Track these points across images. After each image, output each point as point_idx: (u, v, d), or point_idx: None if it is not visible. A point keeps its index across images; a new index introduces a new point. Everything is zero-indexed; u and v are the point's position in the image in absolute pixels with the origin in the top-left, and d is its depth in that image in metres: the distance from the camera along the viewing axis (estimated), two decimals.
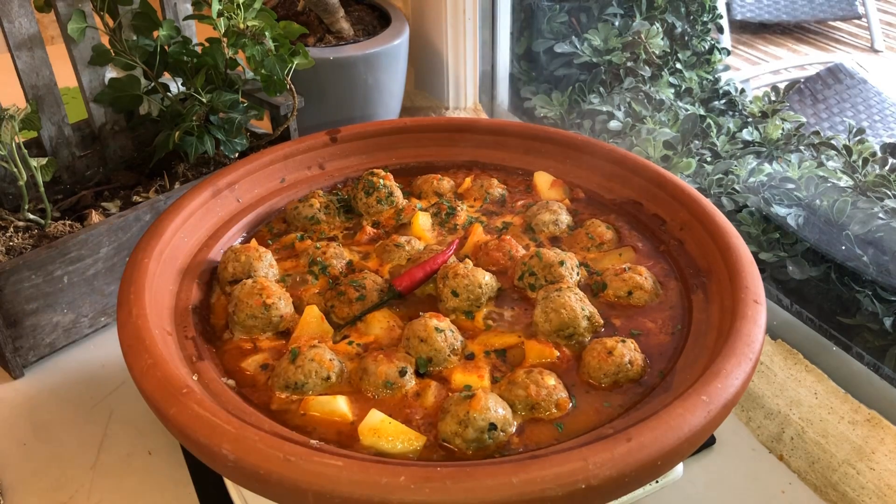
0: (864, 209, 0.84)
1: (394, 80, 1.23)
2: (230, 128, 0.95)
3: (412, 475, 0.44)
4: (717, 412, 0.49)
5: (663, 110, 1.13)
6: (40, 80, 0.90)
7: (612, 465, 0.45)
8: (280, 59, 0.92)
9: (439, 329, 0.58)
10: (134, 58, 0.93)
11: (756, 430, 0.78)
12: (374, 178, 0.77)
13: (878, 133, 1.47)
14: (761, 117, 1.12)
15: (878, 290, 0.82)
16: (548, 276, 0.65)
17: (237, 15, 0.89)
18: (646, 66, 1.22)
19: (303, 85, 1.05)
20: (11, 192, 0.93)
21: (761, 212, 0.91)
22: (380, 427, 0.52)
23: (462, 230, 0.74)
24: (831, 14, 2.78)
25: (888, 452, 0.70)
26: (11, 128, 0.81)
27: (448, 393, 0.56)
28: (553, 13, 1.28)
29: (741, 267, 0.61)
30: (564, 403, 0.55)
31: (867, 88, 1.54)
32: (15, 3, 0.85)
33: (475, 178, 0.81)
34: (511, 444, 0.52)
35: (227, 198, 0.75)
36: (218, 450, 0.46)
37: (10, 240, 0.86)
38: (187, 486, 0.71)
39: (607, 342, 0.58)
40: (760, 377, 0.80)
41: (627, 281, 0.65)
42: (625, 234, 0.73)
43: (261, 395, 0.56)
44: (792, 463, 0.74)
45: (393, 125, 0.85)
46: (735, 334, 0.55)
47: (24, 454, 0.75)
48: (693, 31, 1.27)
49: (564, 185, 0.79)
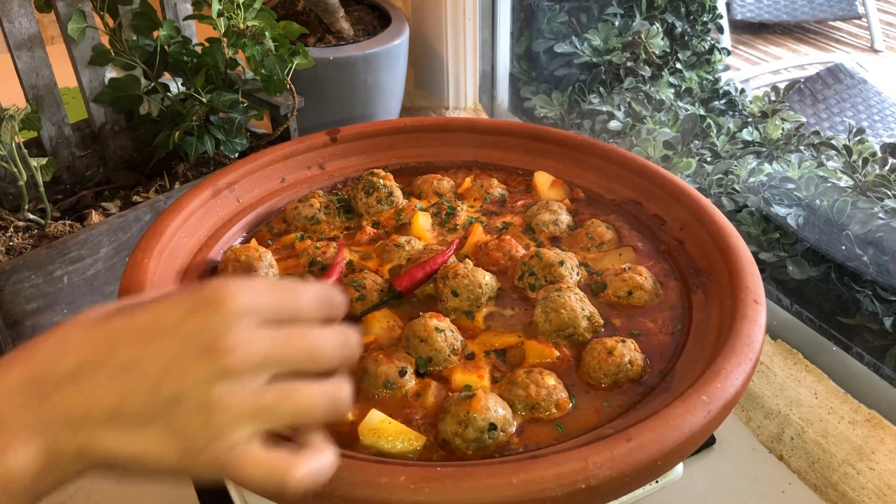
0: (864, 209, 0.84)
1: (394, 80, 1.24)
2: (230, 128, 0.95)
3: (412, 475, 0.44)
4: (717, 412, 0.49)
5: (663, 110, 1.13)
6: (40, 80, 0.90)
7: (612, 465, 0.45)
8: (280, 59, 0.92)
9: (439, 329, 0.58)
10: (134, 58, 0.93)
11: (756, 430, 0.78)
12: (374, 178, 0.77)
13: (878, 133, 1.47)
14: (761, 117, 1.12)
15: (878, 290, 0.82)
16: (548, 276, 0.65)
17: (237, 15, 0.89)
18: (646, 66, 1.22)
19: (303, 85, 1.05)
20: (11, 192, 0.93)
21: (761, 212, 0.91)
22: (380, 427, 0.52)
23: (462, 230, 0.74)
24: (831, 14, 2.78)
25: (888, 452, 0.70)
26: (11, 128, 0.81)
27: (448, 393, 0.56)
28: (553, 13, 1.28)
29: (741, 267, 0.61)
30: (564, 403, 0.55)
31: (867, 88, 1.54)
32: (15, 3, 0.85)
33: (475, 178, 0.81)
34: (511, 444, 0.52)
35: (227, 198, 0.75)
36: None
37: (10, 240, 0.86)
38: (187, 486, 0.71)
39: (607, 342, 0.58)
40: (760, 377, 0.80)
41: (627, 281, 0.65)
42: (625, 234, 0.73)
43: None
44: (792, 463, 0.74)
45: (393, 125, 0.85)
46: (735, 334, 0.55)
47: None
48: (693, 31, 1.27)
49: (564, 185, 0.79)
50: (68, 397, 0.40)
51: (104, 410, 0.40)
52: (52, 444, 0.39)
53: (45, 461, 0.39)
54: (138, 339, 0.41)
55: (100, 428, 0.40)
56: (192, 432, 0.39)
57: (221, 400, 0.39)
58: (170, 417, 0.39)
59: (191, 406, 0.39)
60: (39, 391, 0.40)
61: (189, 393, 0.39)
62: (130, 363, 0.40)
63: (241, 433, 0.40)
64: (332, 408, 0.43)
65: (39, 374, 0.40)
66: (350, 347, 0.45)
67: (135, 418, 0.40)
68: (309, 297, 0.44)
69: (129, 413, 0.40)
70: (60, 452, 0.40)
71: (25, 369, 0.41)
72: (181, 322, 0.40)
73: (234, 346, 0.40)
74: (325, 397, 0.43)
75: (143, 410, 0.40)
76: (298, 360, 0.43)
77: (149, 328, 0.41)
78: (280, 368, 0.42)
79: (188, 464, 0.40)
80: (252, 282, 0.43)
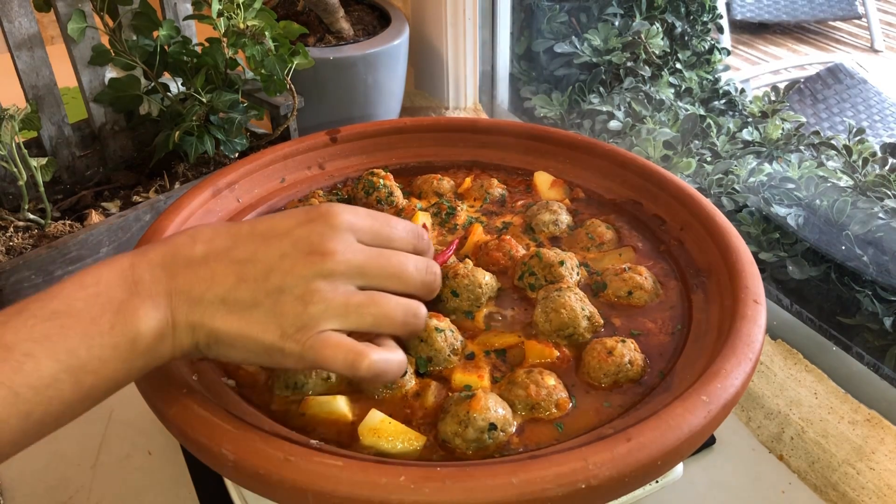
0: (864, 209, 0.84)
1: (394, 80, 1.23)
2: (230, 128, 0.95)
3: (412, 475, 0.44)
4: (717, 412, 0.49)
5: (663, 110, 1.13)
6: (40, 80, 0.90)
7: (612, 465, 0.45)
8: (280, 59, 0.92)
9: (439, 329, 0.58)
10: (134, 58, 0.93)
11: (756, 430, 0.78)
12: (374, 178, 0.77)
13: (878, 133, 1.48)
14: (761, 117, 1.12)
15: (878, 290, 0.82)
16: (548, 276, 0.65)
17: (237, 15, 0.89)
18: (646, 66, 1.22)
19: (303, 85, 1.05)
20: (11, 192, 0.93)
21: (761, 212, 0.91)
22: (380, 427, 0.52)
23: (462, 230, 0.74)
24: (831, 14, 2.78)
25: (888, 452, 0.70)
26: (11, 128, 0.81)
27: (448, 393, 0.56)
28: (553, 13, 1.28)
29: (741, 267, 0.61)
30: (564, 403, 0.55)
31: (867, 88, 1.54)
32: (15, 3, 0.85)
33: (475, 178, 0.81)
34: (511, 444, 0.52)
35: (226, 198, 0.75)
36: (218, 450, 0.46)
37: (10, 240, 0.86)
38: (187, 486, 0.71)
39: (607, 342, 0.58)
40: (760, 377, 0.80)
41: (627, 281, 0.65)
42: (625, 234, 0.73)
43: (261, 395, 0.56)
44: (792, 463, 0.74)
45: (393, 125, 0.85)
46: (735, 334, 0.55)
47: (24, 454, 0.74)
48: (693, 31, 1.27)
49: (564, 185, 0.79)
50: (194, 277, 0.47)
51: (219, 292, 0.46)
52: (173, 315, 0.46)
53: (165, 328, 0.46)
54: (257, 239, 0.48)
55: (213, 308, 0.46)
56: (289, 318, 0.46)
57: (318, 293, 0.46)
58: (273, 303, 0.46)
59: (292, 296, 0.46)
60: (172, 267, 0.47)
61: (292, 284, 0.46)
62: (248, 257, 0.47)
63: (329, 325, 0.47)
64: (410, 320, 0.50)
65: (174, 255, 0.48)
66: (432, 273, 0.53)
67: (244, 301, 0.46)
68: (401, 227, 0.52)
69: (240, 297, 0.46)
70: (177, 324, 0.46)
71: (166, 250, 0.48)
72: (293, 229, 0.48)
73: (335, 251, 0.47)
74: (404, 309, 0.50)
75: (252, 296, 0.46)
76: (386, 275, 0.50)
77: (267, 231, 0.49)
78: (369, 281, 0.49)
79: (281, 344, 0.46)
80: (356, 207, 0.51)
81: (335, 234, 0.48)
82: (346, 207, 0.50)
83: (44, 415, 0.42)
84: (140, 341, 0.45)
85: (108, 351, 0.44)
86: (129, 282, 0.46)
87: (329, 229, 0.48)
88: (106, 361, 0.44)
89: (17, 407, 0.41)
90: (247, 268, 0.47)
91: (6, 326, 0.43)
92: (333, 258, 0.47)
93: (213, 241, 0.48)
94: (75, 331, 0.43)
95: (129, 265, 0.47)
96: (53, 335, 0.43)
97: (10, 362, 0.41)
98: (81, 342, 0.43)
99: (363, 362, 0.47)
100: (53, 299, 0.44)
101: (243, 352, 0.47)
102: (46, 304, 0.44)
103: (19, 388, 0.41)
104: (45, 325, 0.43)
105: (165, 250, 0.48)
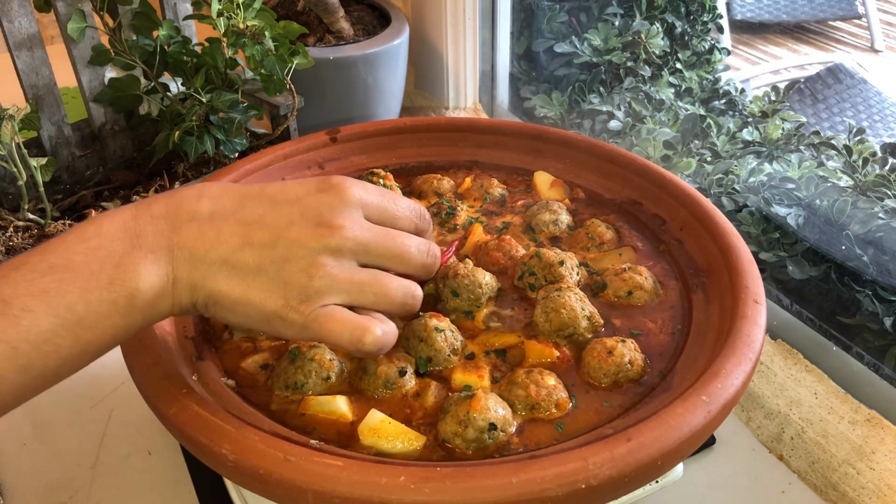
0: (864, 209, 0.84)
1: (394, 80, 1.23)
2: (230, 128, 0.95)
3: (412, 475, 0.44)
4: (717, 412, 0.49)
5: (663, 110, 1.13)
6: (40, 80, 0.90)
7: (612, 465, 0.45)
8: (280, 59, 0.92)
9: (439, 329, 0.58)
10: (134, 58, 0.93)
11: (756, 430, 0.78)
12: (375, 178, 0.77)
13: (878, 133, 1.48)
14: (761, 117, 1.12)
15: (878, 290, 0.82)
16: (548, 276, 0.65)
17: (237, 15, 0.89)
18: (646, 66, 1.22)
19: (303, 85, 1.05)
20: (11, 192, 0.93)
21: (761, 212, 0.91)
22: (380, 427, 0.52)
23: (462, 230, 0.74)
24: (831, 14, 2.78)
25: (888, 452, 0.70)
26: (11, 128, 0.81)
27: (448, 393, 0.56)
28: (553, 13, 1.28)
29: (741, 267, 0.61)
30: (564, 403, 0.55)
31: (867, 88, 1.54)
32: (15, 3, 0.85)
33: (475, 178, 0.81)
34: (511, 444, 0.52)
35: None
36: (218, 450, 0.46)
37: (9, 240, 0.86)
38: (187, 486, 0.71)
39: (607, 342, 0.58)
40: (760, 377, 0.80)
41: (627, 281, 0.65)
42: (625, 234, 0.73)
43: (261, 395, 0.56)
44: (792, 463, 0.74)
45: (393, 125, 0.85)
46: (735, 334, 0.55)
47: (24, 454, 0.75)
48: (693, 31, 1.27)
49: (564, 185, 0.79)
50: (198, 234, 0.46)
51: (223, 253, 0.46)
52: (174, 272, 0.45)
53: (165, 285, 0.45)
54: (265, 203, 0.48)
55: (215, 268, 0.46)
56: (293, 288, 0.46)
57: (324, 267, 0.47)
58: (277, 271, 0.46)
59: (297, 266, 0.46)
60: (176, 221, 0.46)
61: (299, 255, 0.46)
62: (255, 219, 0.47)
63: (332, 299, 0.47)
64: (408, 301, 0.52)
65: (178, 209, 0.47)
66: (433, 256, 0.54)
67: (248, 265, 0.46)
68: (405, 205, 0.53)
69: (244, 260, 0.46)
70: (178, 281, 0.46)
71: (170, 203, 0.47)
72: (304, 197, 0.48)
73: (343, 226, 0.47)
74: (404, 291, 0.51)
75: (257, 260, 0.46)
76: (389, 255, 0.50)
77: (276, 195, 0.48)
78: (373, 259, 0.50)
79: (284, 314, 0.46)
80: (366, 182, 0.52)
81: (345, 207, 0.48)
82: (356, 182, 0.50)
83: (42, 369, 0.42)
84: (139, 297, 0.44)
85: (106, 306, 0.43)
86: (131, 234, 0.45)
87: (339, 202, 0.48)
88: (104, 317, 0.43)
89: (14, 361, 0.41)
90: (253, 231, 0.47)
91: (5, 280, 0.42)
92: (341, 233, 0.47)
93: (220, 198, 0.48)
94: (74, 286, 0.43)
95: (132, 216, 0.46)
96: (52, 290, 0.42)
97: (8, 317, 0.41)
98: (80, 297, 0.42)
99: (368, 337, 0.47)
100: (53, 252, 0.44)
101: (242, 317, 0.48)
102: (46, 257, 0.44)
103: (17, 343, 0.41)
104: (44, 279, 0.42)
105: (170, 202, 0.47)
